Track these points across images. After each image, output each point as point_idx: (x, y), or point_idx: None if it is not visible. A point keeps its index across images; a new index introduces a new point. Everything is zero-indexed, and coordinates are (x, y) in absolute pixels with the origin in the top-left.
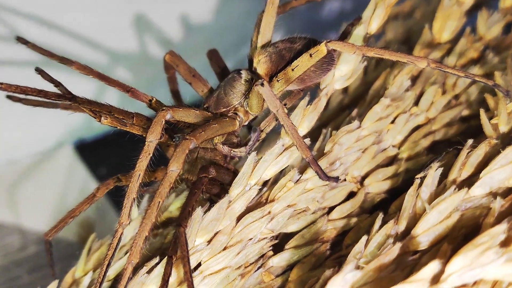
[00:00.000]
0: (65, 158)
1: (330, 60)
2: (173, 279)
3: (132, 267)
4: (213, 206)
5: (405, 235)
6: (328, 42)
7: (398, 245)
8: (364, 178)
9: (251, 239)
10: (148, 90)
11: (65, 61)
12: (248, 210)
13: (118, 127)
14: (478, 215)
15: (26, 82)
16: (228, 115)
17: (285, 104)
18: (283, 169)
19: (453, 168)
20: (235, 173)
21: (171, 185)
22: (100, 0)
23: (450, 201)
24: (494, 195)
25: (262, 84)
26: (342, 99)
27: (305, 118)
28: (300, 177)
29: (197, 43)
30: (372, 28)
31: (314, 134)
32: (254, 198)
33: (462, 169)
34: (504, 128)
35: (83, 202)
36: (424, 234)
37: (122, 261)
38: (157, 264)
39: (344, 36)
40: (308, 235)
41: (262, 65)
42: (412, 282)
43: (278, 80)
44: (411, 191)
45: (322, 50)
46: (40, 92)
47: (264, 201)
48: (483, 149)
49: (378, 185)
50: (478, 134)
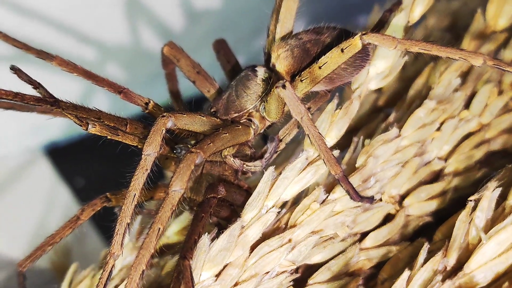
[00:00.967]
0: (33, 166)
1: (364, 55)
2: None
3: None
4: (222, 232)
5: (455, 270)
6: (364, 34)
7: (449, 283)
8: (403, 197)
9: (267, 272)
10: (144, 90)
11: (44, 55)
12: (264, 237)
13: (109, 136)
14: None
15: None
16: (241, 121)
17: (308, 108)
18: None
19: None
20: (248, 191)
21: (174, 208)
22: None
23: (511, 229)
24: None
25: (284, 86)
26: (376, 99)
27: (333, 125)
28: (326, 196)
29: (201, 33)
30: (415, 16)
31: (342, 142)
32: (271, 222)
33: None
34: None
35: (65, 227)
36: (480, 270)
37: None
38: None
39: (380, 26)
40: (336, 267)
41: (282, 61)
42: None
43: (302, 80)
44: (463, 216)
45: (356, 44)
46: (16, 96)
47: (284, 226)
48: None
49: (420, 206)
50: None
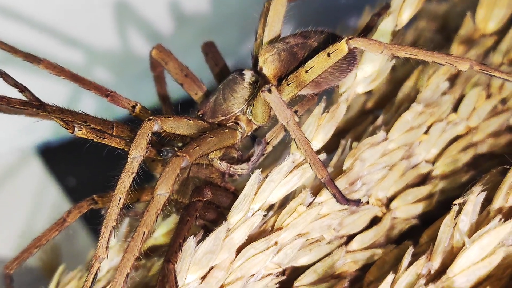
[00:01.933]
0: (25, 165)
1: (351, 59)
2: None
3: None
4: (208, 235)
5: (439, 274)
6: (350, 39)
7: (432, 287)
8: (390, 200)
9: (253, 275)
10: (131, 93)
11: (31, 58)
12: (251, 239)
13: (95, 140)
14: None
15: None
16: (228, 125)
17: (295, 112)
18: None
19: (498, 192)
20: (234, 194)
21: (159, 211)
22: None
23: (494, 234)
24: None
25: (270, 90)
26: (365, 101)
27: (320, 129)
28: (313, 199)
29: (190, 36)
30: (403, 19)
31: (329, 145)
32: (257, 225)
33: (509, 193)
34: None
35: (51, 229)
36: (463, 274)
37: None
38: None
39: (368, 30)
40: (322, 269)
41: (269, 64)
42: None
43: (288, 84)
44: (448, 220)
45: (342, 48)
46: (2, 99)
47: (270, 228)
48: None
49: (407, 208)
50: None
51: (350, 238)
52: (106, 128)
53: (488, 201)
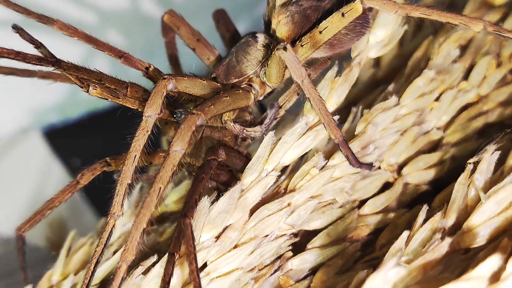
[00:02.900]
0: (31, 147)
1: (364, 22)
2: (175, 280)
3: (126, 265)
4: (222, 195)
5: (455, 230)
6: None
7: (448, 240)
8: (402, 166)
9: (267, 235)
10: (144, 57)
11: (45, 19)
12: (263, 201)
13: (109, 99)
14: None
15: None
16: (241, 86)
17: (308, 75)
18: (305, 153)
19: None
20: (247, 157)
21: (174, 168)
22: None
23: (510, 189)
24: None
25: (285, 48)
26: (374, 74)
27: (333, 92)
28: (326, 163)
29: (200, 2)
30: None
31: (341, 115)
32: (271, 187)
33: None
34: None
35: (64, 191)
36: (479, 228)
37: (110, 261)
38: (155, 263)
39: None
40: (334, 232)
41: (282, 27)
42: (468, 280)
43: (302, 45)
44: (462, 179)
45: (356, 8)
46: (18, 55)
47: (283, 191)
48: None
49: (419, 174)
50: None
51: (362, 202)
52: (120, 88)
53: (501, 162)
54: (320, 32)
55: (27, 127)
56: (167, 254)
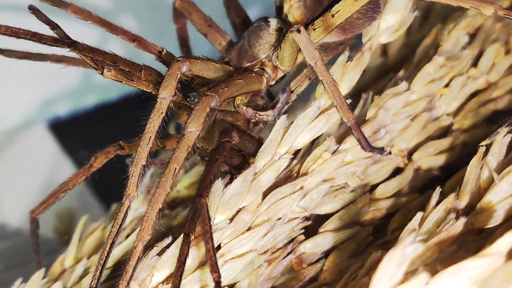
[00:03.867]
0: (36, 139)
1: (375, 7)
2: (190, 261)
3: (143, 245)
4: (235, 178)
5: (468, 212)
6: None
7: (463, 219)
8: (412, 152)
9: (280, 218)
10: (156, 42)
11: (58, 3)
12: (276, 185)
13: (124, 82)
14: None
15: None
16: (254, 70)
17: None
18: (316, 138)
19: None
20: (259, 142)
21: (189, 149)
22: None
23: None
24: None
25: (299, 31)
26: (382, 63)
27: (344, 77)
28: (337, 147)
29: None
30: None
31: (350, 102)
32: (283, 170)
33: None
34: None
35: (78, 174)
36: (494, 208)
37: (123, 245)
38: (169, 244)
39: None
40: (346, 216)
41: (294, 11)
42: (485, 256)
43: (314, 29)
44: (475, 161)
45: None
46: (35, 35)
47: (295, 175)
48: None
49: (429, 160)
50: None
51: (373, 187)
52: (134, 71)
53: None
54: (333, 16)
55: (33, 119)
56: (182, 235)
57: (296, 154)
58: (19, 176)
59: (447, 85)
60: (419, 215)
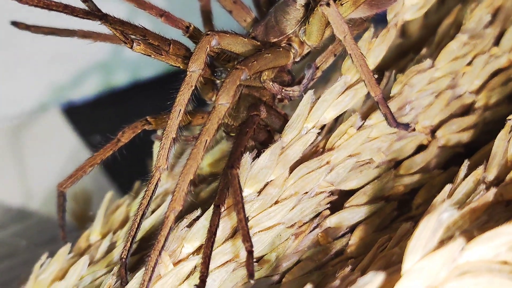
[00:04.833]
0: (51, 123)
1: None
2: (220, 232)
3: (174, 215)
4: (263, 151)
5: (497, 184)
6: None
7: (493, 190)
8: (435, 129)
9: (306, 192)
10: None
11: None
12: (302, 159)
13: (152, 56)
14: None
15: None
16: (281, 45)
17: None
18: (340, 115)
19: None
20: (285, 118)
21: (220, 121)
22: None
23: None
24: None
25: (328, 4)
26: (400, 44)
27: (370, 53)
28: (363, 123)
29: None
30: None
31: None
32: (309, 145)
33: None
34: None
35: (106, 148)
36: None
37: (149, 220)
38: (199, 216)
39: None
40: (371, 192)
41: None
42: None
43: (342, 4)
44: (503, 134)
45: None
46: (66, 8)
47: (321, 150)
48: None
49: (452, 137)
50: None
51: (398, 163)
52: (163, 45)
53: None
54: None
55: (46, 104)
56: (212, 206)
57: (321, 129)
58: (33, 160)
59: (469, 63)
60: (448, 187)
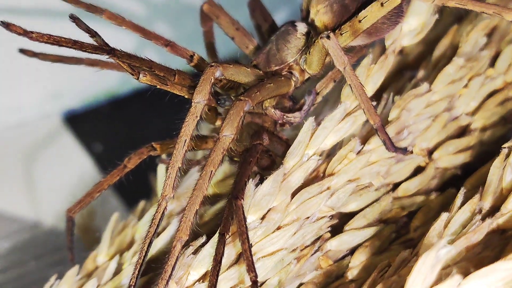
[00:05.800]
0: (53, 132)
1: (399, 11)
2: (225, 259)
3: (181, 245)
4: (265, 179)
5: (493, 212)
6: None
7: (489, 221)
8: (432, 151)
9: (308, 217)
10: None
11: (93, 9)
12: (303, 185)
13: (158, 86)
14: None
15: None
16: (283, 74)
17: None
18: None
19: None
20: (287, 143)
21: (224, 152)
22: None
23: None
24: None
25: (328, 37)
26: (399, 61)
27: (369, 79)
28: (362, 147)
29: None
30: None
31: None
32: (311, 170)
33: None
34: None
35: (113, 174)
36: None
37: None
38: (204, 243)
39: None
40: (371, 215)
41: (321, 16)
42: None
43: (342, 34)
44: (497, 162)
45: None
46: (75, 44)
47: (321, 175)
48: None
49: (449, 159)
50: None
51: (396, 186)
52: (168, 75)
53: None
54: (360, 21)
55: (49, 112)
56: (217, 235)
57: (321, 154)
58: (35, 168)
59: (466, 85)
60: (445, 215)
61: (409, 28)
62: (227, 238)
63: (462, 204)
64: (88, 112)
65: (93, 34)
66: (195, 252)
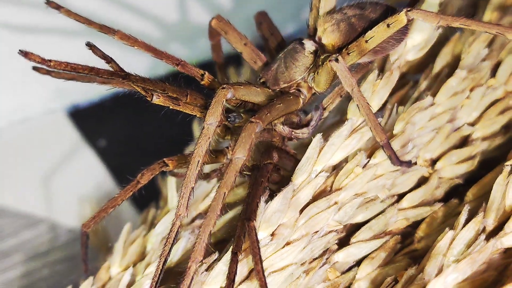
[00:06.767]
0: (58, 128)
1: (404, 29)
2: (237, 276)
3: (196, 265)
4: (274, 195)
5: (496, 231)
6: (409, 10)
7: (493, 241)
8: (435, 161)
9: (316, 232)
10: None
11: (106, 29)
12: (312, 199)
13: (171, 106)
14: None
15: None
16: (291, 92)
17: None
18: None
19: None
20: (295, 157)
21: (237, 174)
22: None
23: None
24: None
25: (337, 60)
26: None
27: (375, 95)
28: (368, 161)
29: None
30: None
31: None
32: (320, 186)
33: None
34: None
35: (126, 190)
36: None
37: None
38: (215, 260)
39: (414, 1)
40: (376, 226)
41: (329, 35)
42: None
43: (349, 53)
44: (500, 180)
45: (401, 20)
46: (92, 70)
47: (329, 189)
48: None
49: (451, 168)
50: None
51: (400, 197)
52: (181, 96)
53: None
54: (366, 41)
55: (53, 108)
56: (230, 253)
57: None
58: (40, 163)
59: (467, 96)
60: (450, 234)
61: (413, 44)
62: (239, 256)
63: (467, 221)
64: (92, 107)
65: (108, 60)
66: (208, 269)
